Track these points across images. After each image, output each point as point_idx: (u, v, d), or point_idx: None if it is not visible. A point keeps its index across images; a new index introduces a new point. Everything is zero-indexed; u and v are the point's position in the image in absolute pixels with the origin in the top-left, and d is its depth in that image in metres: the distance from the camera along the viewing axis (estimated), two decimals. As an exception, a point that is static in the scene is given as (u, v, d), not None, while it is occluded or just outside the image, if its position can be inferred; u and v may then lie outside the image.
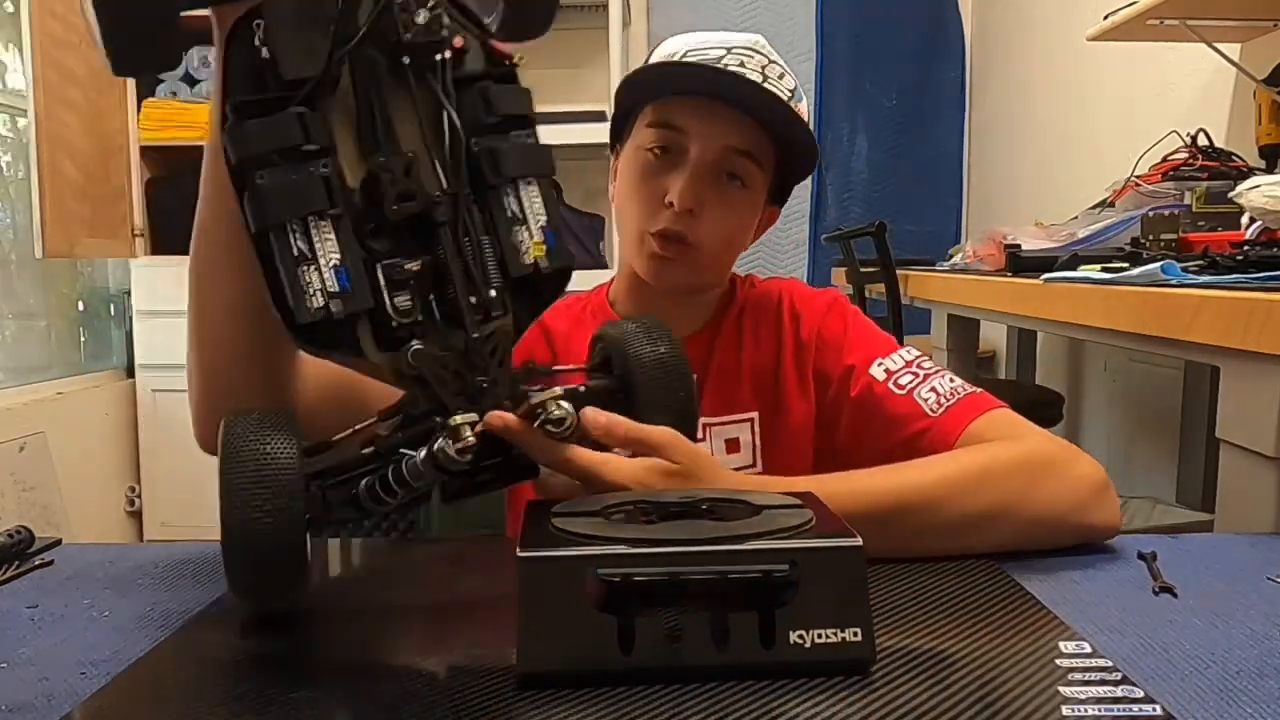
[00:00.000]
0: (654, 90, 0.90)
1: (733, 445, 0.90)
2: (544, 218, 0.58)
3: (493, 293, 0.57)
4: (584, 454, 0.61)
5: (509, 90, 0.58)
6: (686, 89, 0.88)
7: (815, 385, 0.92)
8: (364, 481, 0.57)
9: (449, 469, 0.56)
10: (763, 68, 0.89)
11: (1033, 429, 0.80)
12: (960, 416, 0.81)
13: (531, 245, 0.58)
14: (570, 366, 0.70)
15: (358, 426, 0.61)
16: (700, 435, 0.89)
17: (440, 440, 0.55)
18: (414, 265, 0.55)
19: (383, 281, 0.55)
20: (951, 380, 0.84)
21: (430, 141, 0.56)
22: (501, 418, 0.57)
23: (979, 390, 0.84)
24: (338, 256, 0.54)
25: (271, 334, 0.68)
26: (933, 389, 0.83)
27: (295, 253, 0.53)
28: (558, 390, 0.59)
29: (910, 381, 0.84)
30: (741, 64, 0.88)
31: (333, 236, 0.54)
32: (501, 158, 0.57)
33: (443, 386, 0.56)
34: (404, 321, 0.55)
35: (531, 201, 0.58)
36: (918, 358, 0.87)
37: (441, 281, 0.56)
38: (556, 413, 0.59)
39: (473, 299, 0.56)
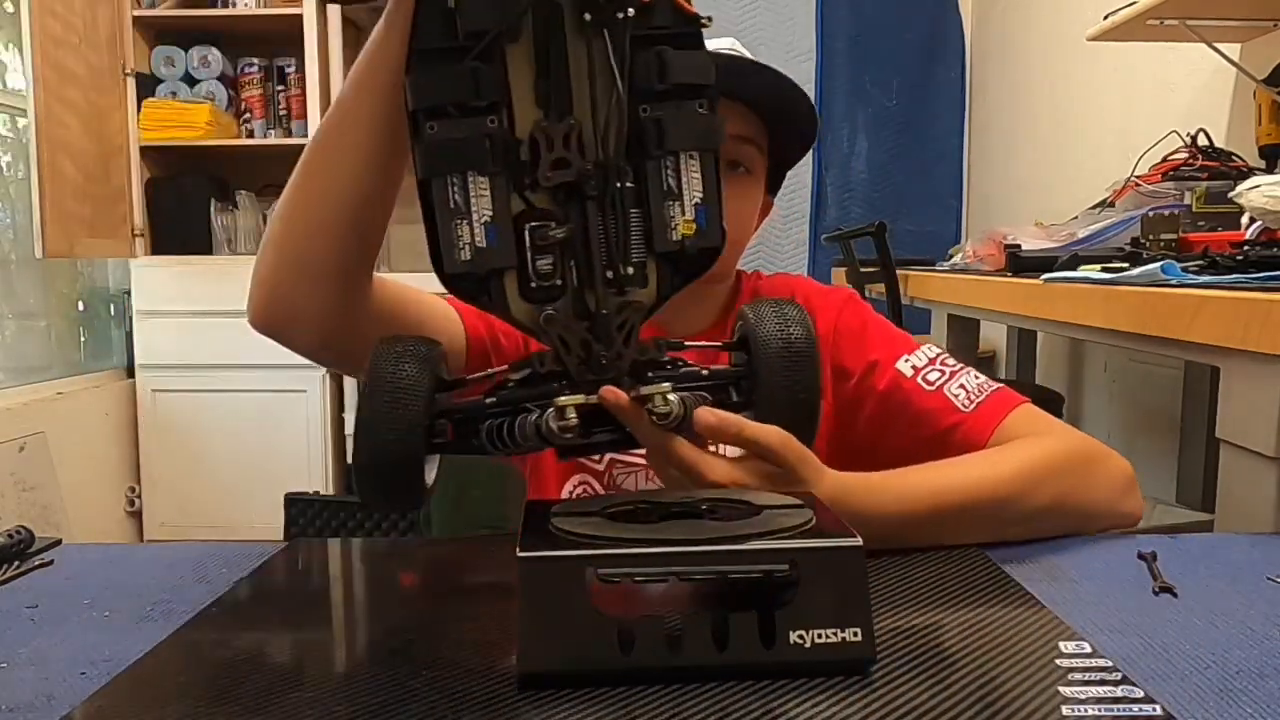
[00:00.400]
0: None
1: None
2: (699, 195, 0.58)
3: (631, 269, 0.58)
4: (685, 449, 0.62)
5: (687, 57, 0.57)
6: None
7: (832, 379, 0.93)
8: (486, 425, 0.60)
9: (551, 442, 0.58)
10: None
11: (1059, 424, 0.83)
12: (992, 413, 0.82)
13: (681, 222, 0.58)
14: (705, 343, 0.70)
15: (491, 370, 0.64)
16: None
17: (546, 414, 0.57)
18: (560, 232, 0.57)
19: (528, 243, 0.57)
20: (977, 377, 0.86)
21: (597, 104, 0.57)
22: (615, 395, 0.58)
23: (1002, 386, 0.85)
24: (490, 214, 0.56)
25: (357, 238, 0.72)
26: (961, 385, 0.84)
27: (451, 205, 0.56)
28: (666, 386, 0.59)
29: (938, 378, 0.85)
30: None
31: (488, 193, 0.56)
32: (666, 129, 0.57)
33: (568, 354, 0.58)
34: (544, 284, 0.57)
35: (690, 177, 0.58)
36: (940, 355, 0.89)
37: (586, 248, 0.57)
38: (662, 408, 0.58)
39: (609, 274, 0.58)
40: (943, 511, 0.72)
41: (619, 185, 0.57)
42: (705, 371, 0.64)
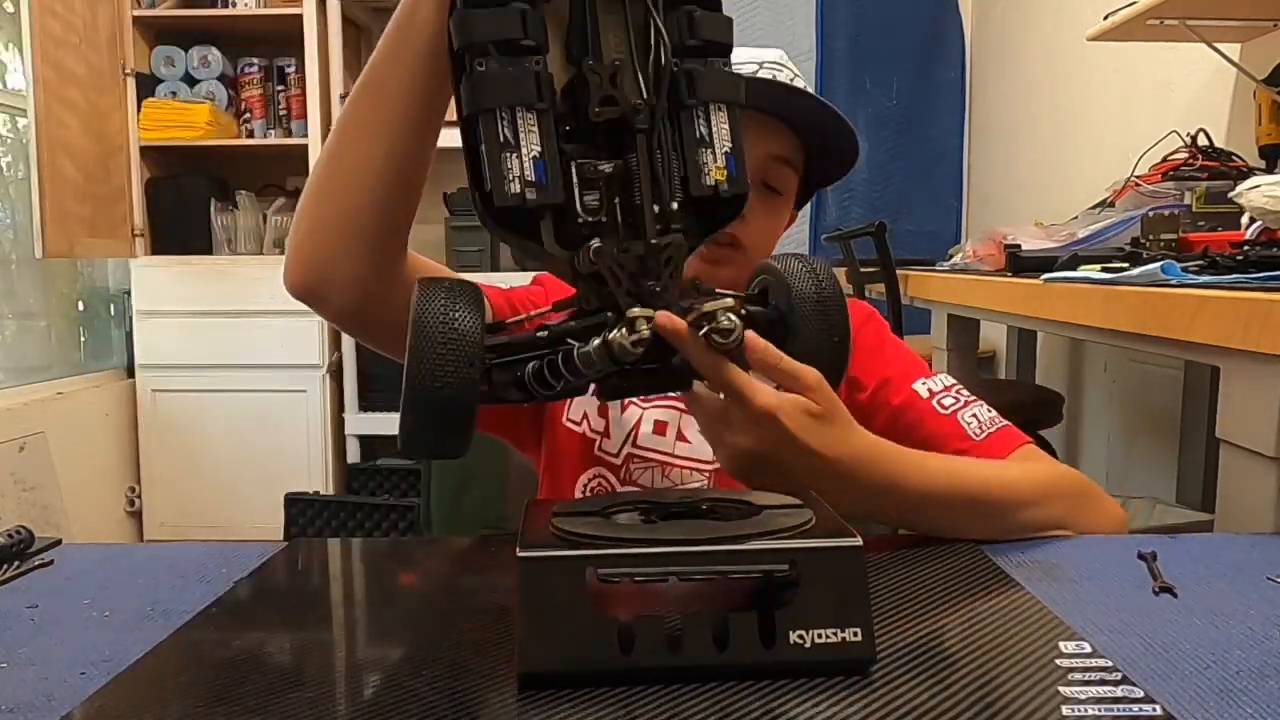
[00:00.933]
0: None
1: None
2: (729, 144, 0.60)
3: (675, 205, 0.59)
4: (739, 373, 0.62)
5: (713, 17, 0.60)
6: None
7: (845, 388, 0.93)
8: (531, 365, 0.60)
9: (620, 360, 0.57)
10: (791, 79, 0.92)
11: (1063, 465, 0.85)
12: (1001, 445, 0.84)
13: (714, 168, 0.59)
14: (730, 292, 0.71)
15: (532, 313, 0.64)
16: None
17: (616, 331, 0.57)
18: (606, 166, 0.58)
19: (575, 179, 0.57)
20: (989, 410, 0.87)
21: (636, 54, 0.58)
22: (671, 319, 0.58)
23: (1010, 424, 0.87)
24: (538, 149, 0.56)
25: (396, 196, 0.73)
26: (974, 415, 0.85)
27: (501, 139, 0.55)
28: (729, 301, 0.60)
29: (953, 404, 0.87)
30: (774, 77, 0.91)
31: (536, 130, 0.56)
32: (697, 80, 0.59)
33: (617, 286, 0.58)
34: (589, 219, 0.57)
35: (719, 127, 0.59)
36: (956, 384, 0.90)
37: (628, 188, 0.58)
38: (725, 323, 0.59)
39: (656, 208, 0.58)
40: (956, 498, 0.73)
41: (663, 124, 0.58)
42: (745, 312, 0.65)
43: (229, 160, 3.48)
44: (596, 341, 0.57)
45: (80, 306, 3.50)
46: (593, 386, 0.62)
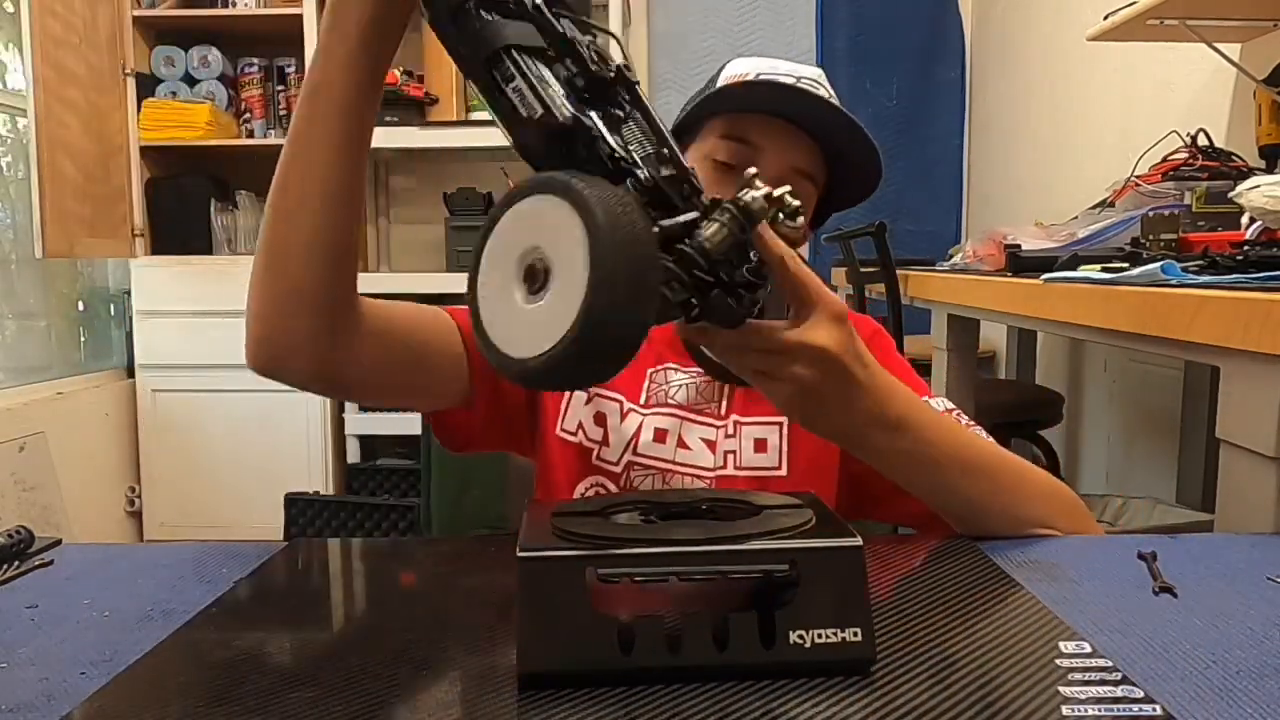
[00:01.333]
0: (728, 103, 0.92)
1: (760, 445, 0.91)
2: (666, 131, 0.62)
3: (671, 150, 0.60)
4: (804, 265, 0.63)
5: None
6: (770, 107, 0.90)
7: None
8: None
9: (755, 219, 0.57)
10: (826, 98, 0.92)
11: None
12: None
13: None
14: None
15: None
16: (730, 432, 0.91)
17: (742, 194, 0.57)
18: (618, 111, 0.58)
19: (600, 122, 0.58)
20: (988, 436, 0.87)
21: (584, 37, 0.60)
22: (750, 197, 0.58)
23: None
24: (562, 91, 0.57)
25: (334, 274, 0.74)
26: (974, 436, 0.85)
27: (536, 73, 0.56)
28: (787, 186, 0.60)
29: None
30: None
31: (551, 75, 0.57)
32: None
33: (680, 199, 0.58)
34: (624, 153, 0.58)
35: (656, 120, 0.62)
36: (956, 408, 0.90)
37: (651, 120, 0.60)
38: (794, 202, 0.59)
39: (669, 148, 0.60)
40: (963, 456, 0.74)
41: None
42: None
43: (229, 160, 3.48)
44: (730, 212, 0.56)
45: (80, 306, 3.50)
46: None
